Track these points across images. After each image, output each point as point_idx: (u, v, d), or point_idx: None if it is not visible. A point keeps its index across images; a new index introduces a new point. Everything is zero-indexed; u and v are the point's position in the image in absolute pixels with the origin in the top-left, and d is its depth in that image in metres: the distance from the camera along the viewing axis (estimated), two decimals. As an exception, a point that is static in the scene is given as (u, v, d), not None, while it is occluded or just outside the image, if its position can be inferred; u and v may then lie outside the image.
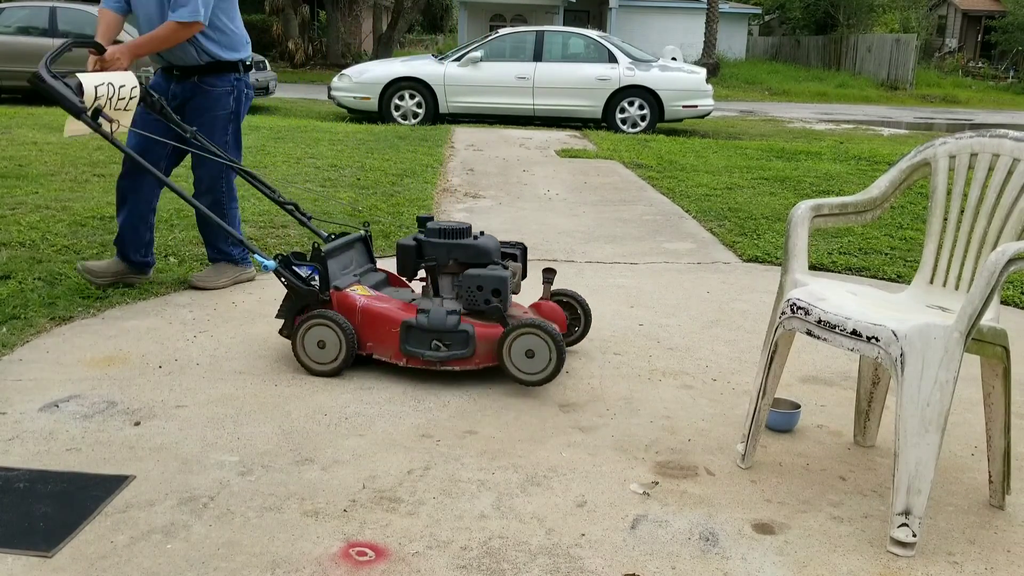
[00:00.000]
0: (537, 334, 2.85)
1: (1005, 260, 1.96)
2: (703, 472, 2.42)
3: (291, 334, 3.04)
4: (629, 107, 11.94)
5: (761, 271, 4.59)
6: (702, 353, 3.34)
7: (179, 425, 2.57)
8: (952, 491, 2.37)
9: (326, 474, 2.32)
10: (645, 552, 2.02)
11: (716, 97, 13.04)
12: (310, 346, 3.00)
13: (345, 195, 6.00)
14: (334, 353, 2.97)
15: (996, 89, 27.38)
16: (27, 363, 2.98)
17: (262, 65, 13.41)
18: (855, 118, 16.96)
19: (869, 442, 2.63)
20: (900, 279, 4.45)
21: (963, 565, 2.02)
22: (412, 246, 3.12)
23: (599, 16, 28.38)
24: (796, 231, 2.47)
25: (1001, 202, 2.30)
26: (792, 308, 2.27)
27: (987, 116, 19.15)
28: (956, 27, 36.68)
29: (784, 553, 2.04)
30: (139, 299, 3.70)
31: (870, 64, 27.00)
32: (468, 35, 26.36)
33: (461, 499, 2.22)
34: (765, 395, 2.40)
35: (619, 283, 4.24)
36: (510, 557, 1.98)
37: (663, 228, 5.52)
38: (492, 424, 2.66)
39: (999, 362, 2.19)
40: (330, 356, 2.98)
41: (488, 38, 12.69)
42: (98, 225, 4.82)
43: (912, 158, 2.52)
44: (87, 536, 2.00)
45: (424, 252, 3.11)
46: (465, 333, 2.91)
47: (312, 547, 1.99)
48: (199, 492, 2.21)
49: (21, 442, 2.42)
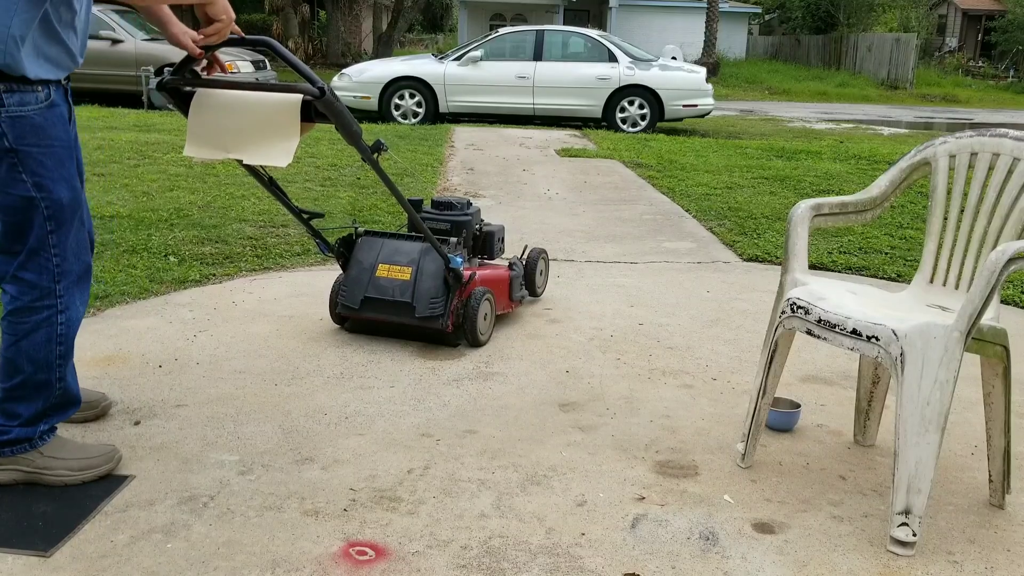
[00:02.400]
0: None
1: (1005, 259, 1.96)
2: (703, 471, 2.42)
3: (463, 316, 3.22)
4: (629, 106, 11.94)
5: (761, 270, 4.59)
6: (702, 352, 3.34)
7: (179, 424, 2.57)
8: (952, 490, 2.37)
9: (326, 473, 2.32)
10: (645, 551, 2.02)
11: (716, 96, 13.04)
12: (481, 321, 3.25)
13: (345, 195, 6.00)
14: (492, 321, 3.37)
15: (996, 89, 27.38)
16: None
17: (262, 65, 13.41)
18: (855, 117, 16.96)
19: (869, 441, 2.63)
20: (900, 278, 4.45)
21: (963, 564, 2.02)
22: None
23: (599, 15, 28.36)
24: (796, 230, 2.47)
25: (1001, 201, 2.30)
26: (792, 307, 2.27)
27: (987, 115, 19.15)
28: (956, 26, 36.67)
29: (784, 552, 2.04)
30: (139, 299, 3.70)
31: (870, 63, 26.99)
32: (468, 34, 26.36)
33: (461, 498, 2.22)
34: (765, 394, 2.40)
35: (619, 282, 4.24)
36: (510, 556, 1.98)
37: (663, 227, 5.52)
38: (492, 424, 2.66)
39: (999, 361, 2.19)
40: (490, 325, 3.35)
41: (488, 37, 12.69)
42: (98, 225, 4.82)
43: (912, 157, 2.52)
44: (87, 535, 2.00)
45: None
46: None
47: (312, 546, 1.99)
48: (199, 491, 2.21)
49: (21, 442, 2.42)
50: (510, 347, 3.31)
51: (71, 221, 2.13)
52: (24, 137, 2.01)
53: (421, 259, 3.23)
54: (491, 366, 3.12)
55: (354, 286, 3.25)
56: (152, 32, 13.38)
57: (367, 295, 3.22)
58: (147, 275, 3.97)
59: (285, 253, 4.48)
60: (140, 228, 4.78)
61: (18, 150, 2.00)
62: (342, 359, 3.12)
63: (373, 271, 3.25)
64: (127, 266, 4.08)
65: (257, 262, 4.31)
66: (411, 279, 3.19)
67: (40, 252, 2.08)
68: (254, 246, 4.56)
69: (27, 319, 2.10)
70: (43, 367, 2.14)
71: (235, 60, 12.57)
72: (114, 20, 12.65)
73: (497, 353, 3.24)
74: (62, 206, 2.09)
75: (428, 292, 3.17)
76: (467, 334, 3.25)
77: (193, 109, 2.55)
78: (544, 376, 3.04)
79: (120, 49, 12.43)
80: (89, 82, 12.48)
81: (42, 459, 2.19)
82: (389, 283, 3.22)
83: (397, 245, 3.31)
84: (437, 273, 3.20)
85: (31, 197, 2.03)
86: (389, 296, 3.21)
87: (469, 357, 3.19)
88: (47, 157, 2.05)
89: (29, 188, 2.03)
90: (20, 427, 2.15)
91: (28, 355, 2.11)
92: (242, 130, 2.47)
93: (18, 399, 2.14)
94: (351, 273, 3.29)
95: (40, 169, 2.04)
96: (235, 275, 4.11)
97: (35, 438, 2.18)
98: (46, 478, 2.19)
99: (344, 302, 3.28)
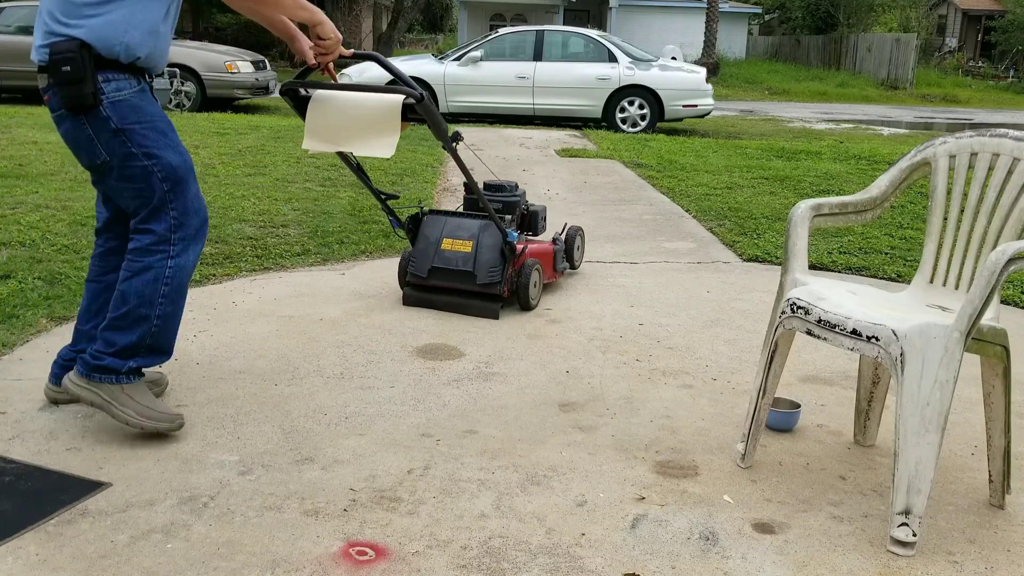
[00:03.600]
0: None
1: (1005, 259, 1.96)
2: (703, 471, 2.42)
3: (516, 283, 3.68)
4: (629, 106, 11.94)
5: (761, 270, 4.59)
6: (702, 353, 3.34)
7: (179, 425, 2.57)
8: (952, 490, 2.37)
9: (326, 473, 2.32)
10: (645, 552, 2.02)
11: (716, 97, 13.05)
12: (532, 288, 3.71)
13: (345, 195, 6.00)
14: (540, 288, 3.81)
15: (996, 89, 27.38)
16: (27, 362, 2.98)
17: (262, 65, 13.41)
18: (855, 117, 16.96)
19: (869, 441, 2.63)
20: (900, 278, 4.45)
21: (963, 564, 2.02)
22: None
23: (599, 15, 28.36)
24: (796, 230, 2.47)
25: (1001, 201, 2.30)
26: (792, 307, 2.27)
27: (987, 116, 19.15)
28: (956, 27, 36.67)
29: (784, 552, 2.04)
30: (139, 299, 3.70)
31: (870, 64, 26.99)
32: (468, 35, 26.36)
33: (461, 499, 2.22)
34: (765, 394, 2.40)
35: (619, 282, 4.24)
36: (510, 556, 1.98)
37: (663, 227, 5.52)
38: (492, 424, 2.66)
39: (999, 361, 2.19)
40: (539, 292, 3.79)
41: (488, 37, 12.69)
42: (98, 225, 4.82)
43: (912, 158, 2.52)
44: (87, 536, 2.00)
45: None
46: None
47: (312, 546, 1.99)
48: (199, 491, 2.21)
49: (22, 441, 2.42)
50: (510, 347, 3.31)
51: (186, 181, 2.45)
52: (126, 117, 2.35)
53: (480, 234, 3.68)
54: (491, 366, 3.12)
55: (422, 257, 3.70)
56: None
57: (434, 265, 3.67)
58: (147, 275, 3.96)
59: (285, 253, 4.48)
60: (140, 228, 4.78)
61: (123, 129, 2.35)
62: (342, 359, 3.13)
63: (438, 244, 3.69)
64: (127, 266, 4.08)
65: (257, 262, 4.31)
66: (472, 251, 3.64)
67: (160, 209, 2.42)
68: (254, 246, 4.56)
69: (142, 259, 2.42)
70: (146, 302, 2.41)
71: (235, 60, 12.58)
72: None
73: (497, 353, 3.24)
74: (173, 168, 2.42)
75: (487, 262, 3.61)
76: (519, 299, 3.71)
77: (310, 110, 3.00)
78: (544, 376, 3.04)
79: (120, 49, 12.43)
80: (89, 82, 12.49)
81: (120, 394, 2.43)
82: (453, 255, 3.66)
83: (459, 222, 3.75)
84: (494, 246, 3.64)
85: (144, 165, 2.38)
86: (453, 266, 3.65)
87: (469, 357, 3.19)
88: (149, 130, 2.40)
89: (140, 158, 2.37)
90: (112, 357, 2.41)
91: (136, 289, 2.40)
92: (352, 127, 2.93)
93: (119, 328, 2.41)
94: (419, 246, 3.73)
95: (145, 141, 2.38)
96: (235, 275, 4.11)
97: (121, 372, 2.42)
98: (115, 411, 2.42)
99: (413, 271, 3.71)
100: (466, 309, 3.68)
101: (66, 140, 2.40)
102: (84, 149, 2.38)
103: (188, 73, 12.24)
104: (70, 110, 2.31)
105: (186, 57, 12.44)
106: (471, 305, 3.67)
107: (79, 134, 2.35)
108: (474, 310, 3.67)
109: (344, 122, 2.94)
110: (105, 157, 2.36)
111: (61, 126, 2.37)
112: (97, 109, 2.31)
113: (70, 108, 2.31)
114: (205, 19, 27.64)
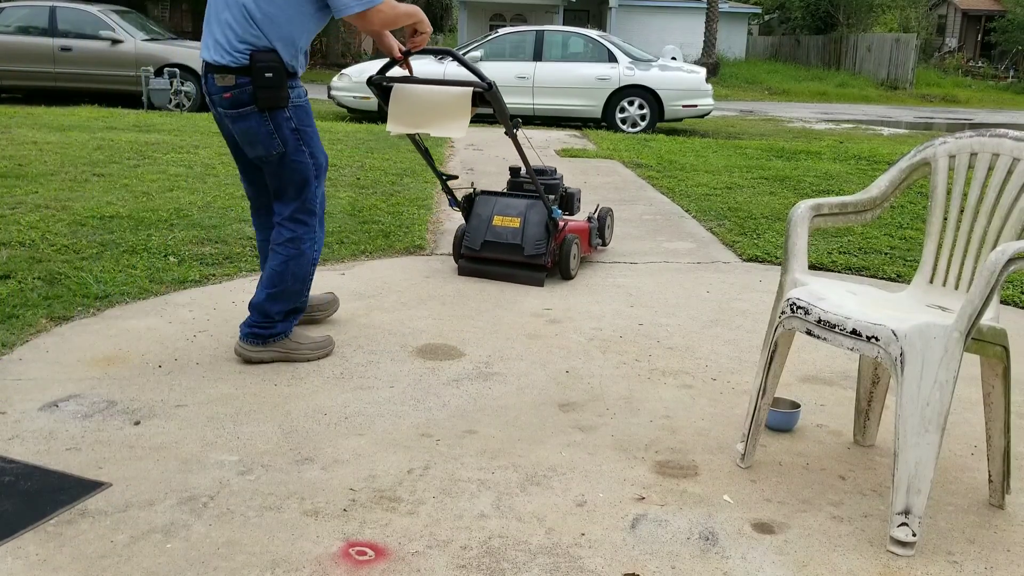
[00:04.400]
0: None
1: (1005, 260, 1.96)
2: (703, 471, 2.42)
3: (559, 255, 4.16)
4: (629, 107, 11.94)
5: (761, 270, 4.59)
6: (702, 353, 3.34)
7: (179, 425, 2.57)
8: (952, 490, 2.37)
9: (326, 473, 2.32)
10: (645, 552, 2.02)
11: (716, 97, 13.05)
12: (572, 260, 4.19)
13: (345, 194, 6.00)
14: (578, 260, 4.30)
15: (996, 89, 27.38)
16: (27, 363, 2.98)
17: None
18: (855, 118, 16.96)
19: (869, 441, 2.63)
20: (900, 278, 4.45)
21: (963, 564, 2.03)
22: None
23: (599, 16, 28.36)
24: (796, 230, 2.47)
25: (1001, 202, 2.30)
26: (792, 307, 2.27)
27: (987, 116, 19.15)
28: (956, 27, 36.68)
29: (784, 552, 2.04)
30: (139, 299, 3.70)
31: (870, 64, 26.99)
32: (468, 35, 26.35)
33: (461, 498, 2.22)
34: (765, 394, 2.40)
35: (619, 282, 4.24)
36: (510, 556, 1.98)
37: (663, 227, 5.52)
38: (492, 424, 2.66)
39: (999, 361, 2.19)
40: (577, 264, 4.28)
41: (488, 38, 12.69)
42: (98, 225, 4.82)
43: (912, 158, 2.52)
44: (87, 536, 2.00)
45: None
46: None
47: (312, 546, 1.99)
48: (199, 491, 2.21)
49: (21, 441, 2.42)
50: (510, 347, 3.31)
51: (321, 177, 3.05)
52: (303, 120, 2.91)
53: (527, 211, 4.16)
54: (491, 366, 3.12)
55: (475, 232, 4.18)
56: (151, 33, 13.40)
57: (486, 239, 4.16)
58: (147, 275, 3.97)
59: (285, 253, 4.47)
60: (140, 228, 4.79)
61: (300, 129, 2.90)
62: (342, 359, 3.13)
63: (490, 221, 4.18)
64: (127, 266, 4.08)
65: (257, 262, 4.31)
66: (520, 226, 4.12)
67: (307, 200, 2.98)
68: (254, 246, 4.56)
69: (297, 247, 2.99)
70: (300, 280, 3.03)
71: None
72: (114, 20, 12.66)
73: (497, 353, 3.24)
74: (321, 167, 3.02)
75: (534, 236, 4.09)
76: (560, 269, 4.20)
77: (393, 99, 3.53)
78: (544, 376, 3.05)
79: (120, 49, 12.44)
80: (89, 82, 12.50)
81: (291, 343, 3.07)
82: (503, 230, 4.14)
83: (507, 201, 4.24)
84: (540, 222, 4.11)
85: (306, 162, 2.94)
86: (503, 239, 4.12)
87: (469, 357, 3.19)
88: (313, 133, 2.96)
89: (306, 155, 2.93)
90: (280, 323, 3.02)
91: (293, 272, 2.99)
92: (429, 112, 3.47)
93: (275, 300, 2.99)
94: (472, 223, 4.22)
95: (311, 141, 2.95)
96: (235, 275, 4.11)
97: (288, 330, 3.06)
98: (294, 356, 3.06)
99: (468, 244, 4.20)
100: (514, 278, 4.16)
101: (244, 133, 2.86)
102: (262, 141, 2.86)
103: (188, 73, 12.24)
104: (261, 109, 2.79)
105: (186, 57, 12.45)
106: (519, 274, 4.15)
107: (261, 129, 2.84)
108: (521, 278, 4.14)
109: (423, 109, 3.47)
110: (281, 149, 2.87)
111: (242, 121, 2.83)
112: (282, 110, 2.82)
113: (262, 107, 2.79)
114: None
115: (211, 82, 2.81)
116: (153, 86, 11.61)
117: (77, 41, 12.48)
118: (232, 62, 2.75)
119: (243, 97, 2.77)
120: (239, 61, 2.74)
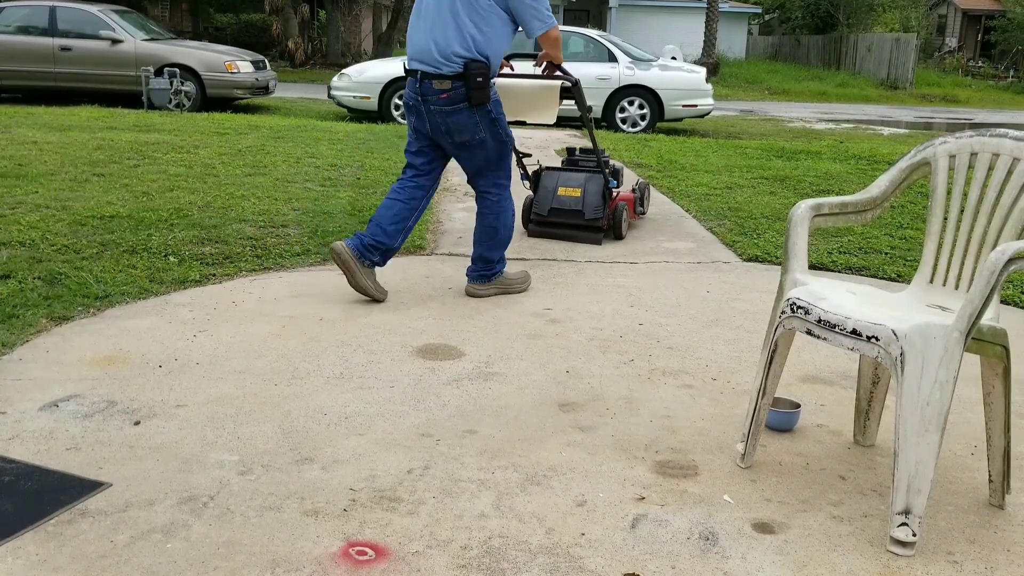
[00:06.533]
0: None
1: (1005, 259, 1.96)
2: (703, 471, 2.42)
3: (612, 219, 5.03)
4: (629, 106, 11.94)
5: (761, 270, 4.59)
6: (702, 352, 3.34)
7: (179, 424, 2.57)
8: (952, 490, 2.37)
9: (326, 473, 2.32)
10: (645, 552, 2.02)
11: (716, 96, 13.04)
12: (623, 223, 5.08)
13: (345, 194, 6.00)
14: (628, 224, 5.22)
15: (996, 89, 27.37)
16: (27, 362, 2.98)
17: (262, 64, 13.41)
18: (855, 117, 16.96)
19: (869, 441, 2.63)
20: (900, 278, 4.45)
21: (963, 564, 2.02)
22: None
23: (599, 15, 28.37)
24: (796, 230, 2.47)
25: (1001, 201, 2.30)
26: (792, 307, 2.27)
27: (987, 116, 19.15)
28: (956, 26, 36.67)
29: (784, 552, 2.04)
30: (139, 299, 3.70)
31: (870, 63, 26.99)
32: (468, 34, 26.30)
33: (461, 498, 2.22)
34: (765, 394, 2.40)
35: (619, 282, 4.24)
36: (510, 556, 1.98)
37: (663, 227, 5.52)
38: (492, 424, 2.66)
39: (999, 361, 2.19)
40: (628, 227, 5.21)
41: (488, 37, 12.66)
42: (98, 224, 4.82)
43: (912, 157, 2.52)
44: (87, 536, 2.00)
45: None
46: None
47: (312, 546, 1.99)
48: (199, 491, 2.21)
49: (21, 441, 2.42)
50: (510, 347, 3.31)
51: (511, 153, 3.95)
52: (498, 108, 3.76)
53: (586, 183, 5.04)
54: (491, 366, 3.12)
55: (543, 201, 5.05)
56: (151, 32, 13.40)
57: (552, 206, 5.02)
58: (147, 275, 3.97)
59: (285, 253, 4.48)
60: (140, 228, 4.79)
61: (497, 117, 3.75)
62: (342, 359, 3.13)
63: (555, 191, 5.04)
64: (127, 266, 4.08)
65: (257, 262, 4.31)
66: (580, 195, 5.00)
67: (503, 168, 3.91)
68: (254, 246, 4.56)
69: (504, 205, 3.92)
70: (510, 228, 3.94)
71: (235, 60, 12.59)
72: (114, 20, 12.67)
73: (497, 353, 3.24)
74: (512, 145, 3.92)
75: (592, 203, 4.97)
76: (614, 230, 5.07)
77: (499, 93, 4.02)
78: (544, 376, 3.05)
79: (120, 49, 12.44)
80: (89, 82, 12.49)
81: (507, 280, 3.96)
82: (567, 198, 5.01)
83: (569, 175, 5.13)
84: (597, 191, 4.99)
85: (505, 142, 3.84)
86: (567, 206, 4.99)
87: (469, 357, 3.19)
88: (503, 117, 3.81)
89: (503, 136, 3.81)
90: (498, 263, 3.93)
91: (505, 224, 3.91)
92: (525, 103, 4.41)
93: (492, 248, 3.89)
94: (540, 193, 5.08)
95: (504, 124, 3.82)
96: (235, 275, 4.11)
97: (503, 269, 3.97)
98: (510, 290, 3.97)
99: (536, 211, 5.05)
100: (576, 238, 5.01)
101: (455, 124, 3.65)
102: (469, 130, 3.68)
103: (188, 73, 12.23)
104: (472, 106, 3.61)
105: (186, 57, 12.45)
106: (580, 235, 5.00)
107: (469, 121, 3.66)
108: (582, 238, 4.99)
109: (520, 101, 4.39)
110: (483, 135, 3.71)
111: (455, 116, 3.63)
112: (487, 105, 3.65)
113: (473, 104, 3.60)
114: (205, 19, 27.65)
115: (428, 86, 3.61)
116: (153, 86, 11.61)
117: (77, 41, 12.47)
118: (450, 71, 3.56)
119: (457, 97, 3.58)
120: (455, 70, 3.56)
